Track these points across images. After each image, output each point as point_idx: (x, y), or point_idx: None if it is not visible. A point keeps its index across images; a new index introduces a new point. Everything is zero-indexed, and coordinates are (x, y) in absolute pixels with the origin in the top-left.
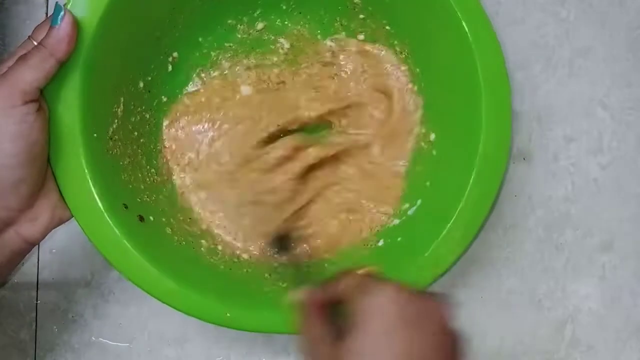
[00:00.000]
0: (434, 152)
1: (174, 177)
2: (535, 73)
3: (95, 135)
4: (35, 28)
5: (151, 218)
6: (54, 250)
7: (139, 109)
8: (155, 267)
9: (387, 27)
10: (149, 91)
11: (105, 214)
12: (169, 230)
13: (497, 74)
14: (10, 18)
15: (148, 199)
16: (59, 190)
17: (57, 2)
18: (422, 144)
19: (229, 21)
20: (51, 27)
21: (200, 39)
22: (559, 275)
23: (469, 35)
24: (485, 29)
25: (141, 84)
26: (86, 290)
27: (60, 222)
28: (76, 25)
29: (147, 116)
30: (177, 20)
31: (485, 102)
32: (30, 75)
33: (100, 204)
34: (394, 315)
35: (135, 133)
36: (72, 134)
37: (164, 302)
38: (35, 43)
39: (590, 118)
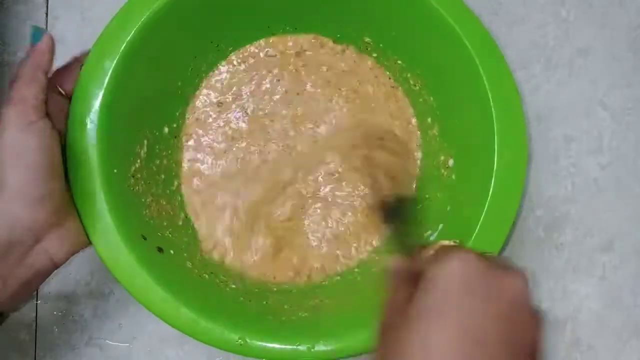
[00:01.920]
0: (454, 177)
1: (196, 224)
2: (536, 73)
3: (115, 171)
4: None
5: (171, 252)
6: None
7: (165, 152)
8: (174, 297)
9: (399, 62)
10: (175, 137)
11: (123, 245)
12: (189, 264)
13: (509, 98)
14: (10, 18)
15: (170, 235)
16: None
17: (33, 25)
18: (442, 170)
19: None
20: (33, 46)
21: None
22: (559, 275)
23: (479, 67)
24: (494, 57)
25: (166, 130)
26: (86, 290)
27: (85, 245)
28: (53, 40)
29: (173, 161)
30: (199, 68)
31: (498, 126)
32: (31, 90)
33: (118, 235)
34: (463, 276)
35: (162, 175)
36: (91, 167)
37: (183, 332)
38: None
39: (590, 118)
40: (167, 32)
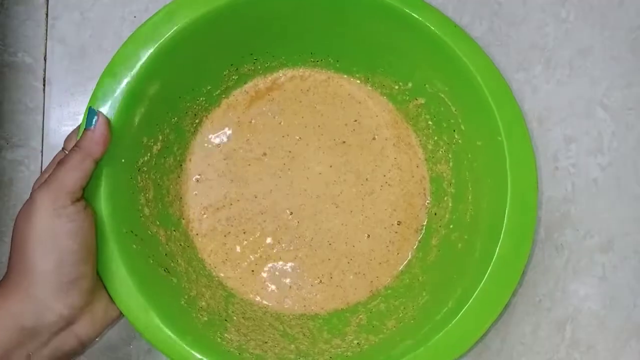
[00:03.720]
0: (459, 246)
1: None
2: (536, 73)
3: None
4: (65, 139)
5: (205, 319)
6: None
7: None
8: (206, 356)
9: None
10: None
11: (157, 321)
12: (228, 325)
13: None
14: (10, 18)
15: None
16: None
17: (89, 107)
18: (459, 245)
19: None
20: (86, 130)
21: None
22: (559, 276)
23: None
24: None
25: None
26: None
27: (112, 321)
28: (109, 124)
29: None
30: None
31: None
32: (72, 176)
33: (150, 312)
34: None
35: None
36: (106, 236)
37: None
38: (67, 152)
39: (590, 118)
40: (208, 35)
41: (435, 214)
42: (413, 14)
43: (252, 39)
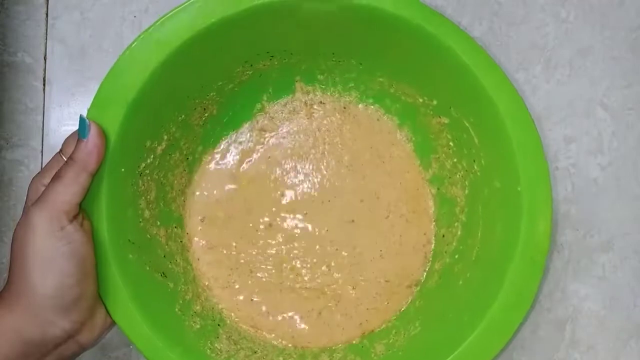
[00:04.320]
0: (460, 282)
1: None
2: (536, 73)
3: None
4: (63, 142)
5: (198, 326)
6: None
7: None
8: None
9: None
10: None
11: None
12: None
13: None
14: (10, 18)
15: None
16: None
17: (81, 115)
18: (460, 281)
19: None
20: (79, 141)
21: None
22: (559, 276)
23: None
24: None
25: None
26: None
27: (112, 325)
28: (103, 135)
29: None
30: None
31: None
32: (68, 193)
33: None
34: None
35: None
36: (103, 249)
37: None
38: (65, 158)
39: (590, 118)
40: (223, 37)
41: (444, 236)
42: (446, 41)
43: (269, 41)
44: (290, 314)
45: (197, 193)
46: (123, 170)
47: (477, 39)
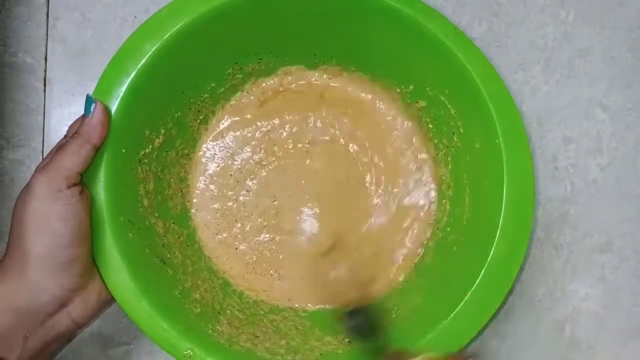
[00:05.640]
0: (455, 249)
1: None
2: (535, 74)
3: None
4: (69, 128)
5: (198, 310)
6: None
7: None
8: (195, 345)
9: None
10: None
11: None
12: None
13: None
14: (11, 19)
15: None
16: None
17: (87, 94)
18: (454, 248)
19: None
20: (84, 117)
21: None
22: (558, 276)
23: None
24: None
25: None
26: None
27: (105, 304)
28: (107, 112)
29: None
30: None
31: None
32: (70, 161)
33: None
34: None
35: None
36: (102, 222)
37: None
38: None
39: (589, 119)
40: (213, 32)
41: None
42: (415, 17)
43: (256, 38)
44: (293, 275)
45: (197, 193)
46: (124, 150)
47: (476, 40)
